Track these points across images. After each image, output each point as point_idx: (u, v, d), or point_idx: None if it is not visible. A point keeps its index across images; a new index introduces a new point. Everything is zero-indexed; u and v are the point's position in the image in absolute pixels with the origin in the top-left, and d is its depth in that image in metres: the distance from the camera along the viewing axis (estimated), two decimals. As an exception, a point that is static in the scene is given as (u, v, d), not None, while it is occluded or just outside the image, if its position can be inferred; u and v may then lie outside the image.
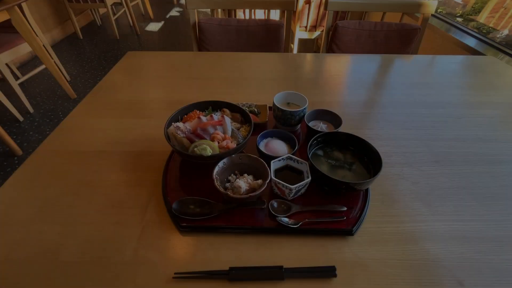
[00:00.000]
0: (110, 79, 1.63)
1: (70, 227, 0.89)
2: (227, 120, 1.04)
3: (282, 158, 0.98)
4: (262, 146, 1.09)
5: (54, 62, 3.57)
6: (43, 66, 3.42)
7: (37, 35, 3.33)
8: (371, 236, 0.88)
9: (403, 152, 1.18)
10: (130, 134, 1.24)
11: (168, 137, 1.00)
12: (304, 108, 1.17)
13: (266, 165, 0.93)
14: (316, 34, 3.90)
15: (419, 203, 0.98)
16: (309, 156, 0.96)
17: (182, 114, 1.14)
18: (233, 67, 1.77)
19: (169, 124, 1.04)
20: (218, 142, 0.99)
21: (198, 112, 1.12)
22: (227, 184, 0.94)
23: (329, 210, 0.92)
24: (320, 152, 1.05)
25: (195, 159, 0.94)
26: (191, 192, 0.97)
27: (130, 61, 1.82)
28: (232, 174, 0.97)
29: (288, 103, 1.29)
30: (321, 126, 1.17)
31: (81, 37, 4.63)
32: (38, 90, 3.57)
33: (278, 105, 1.17)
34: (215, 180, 0.88)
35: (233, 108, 1.18)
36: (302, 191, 0.94)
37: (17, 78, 3.55)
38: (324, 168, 0.99)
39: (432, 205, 0.97)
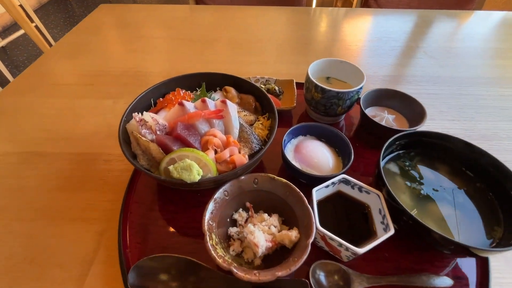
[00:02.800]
0: (69, 41, 1.13)
1: None
2: (232, 108, 0.56)
3: (332, 182, 0.51)
4: (290, 154, 0.62)
5: (36, 26, 3.01)
6: (23, 31, 2.87)
7: (11, -8, 2.75)
8: None
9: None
10: (86, 124, 0.78)
11: (124, 140, 0.54)
12: (360, 88, 0.67)
13: (304, 198, 0.47)
14: (337, -8, 3.20)
15: None
16: (384, 177, 0.49)
17: (156, 97, 0.66)
18: (241, 25, 1.24)
19: (129, 115, 0.57)
20: (216, 151, 0.52)
21: (182, 92, 0.63)
22: (232, 230, 0.49)
23: (422, 287, 0.47)
24: (393, 167, 0.57)
25: (171, 185, 0.48)
26: (168, 238, 0.53)
27: (102, 17, 1.30)
28: (240, 210, 0.51)
29: (328, 78, 0.79)
30: (387, 118, 0.69)
31: (70, -2, 3.96)
32: (21, 58, 3.06)
33: (316, 82, 0.67)
34: (207, 234, 0.43)
35: (243, 86, 0.69)
36: (371, 247, 0.48)
37: (-5, 43, 3.02)
38: (405, 199, 0.52)
39: None
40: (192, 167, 0.47)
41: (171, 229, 0.55)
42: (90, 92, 0.89)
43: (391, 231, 0.45)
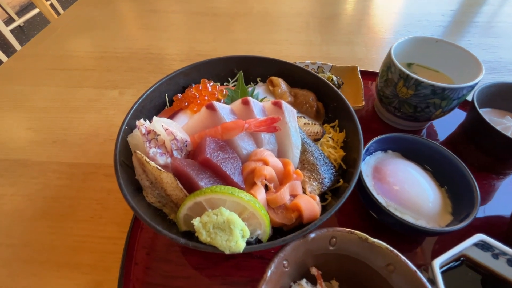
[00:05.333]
0: (71, 16, 0.93)
1: None
2: (290, 114, 0.34)
3: (466, 247, 0.29)
4: (367, 180, 0.40)
5: (51, 4, 2.82)
6: (37, 10, 2.69)
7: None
8: None
9: None
10: (82, 123, 0.60)
11: (123, 162, 0.33)
12: (476, 83, 0.43)
13: (416, 271, 0.25)
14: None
15: None
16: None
17: (172, 91, 0.44)
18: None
19: (133, 121, 0.36)
20: (266, 188, 0.31)
21: (210, 85, 0.41)
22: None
23: None
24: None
25: (197, 249, 0.28)
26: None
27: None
28: (304, 282, 0.31)
29: (410, 65, 0.55)
30: (514, 128, 0.44)
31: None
32: (38, 38, 2.90)
33: (408, 72, 0.44)
34: None
35: (295, 77, 0.46)
36: None
37: (12, 21, 2.87)
38: None
39: None
40: (234, 225, 0.26)
41: (195, 296, 0.36)
42: (90, 79, 0.69)
43: None
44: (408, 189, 0.40)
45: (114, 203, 0.47)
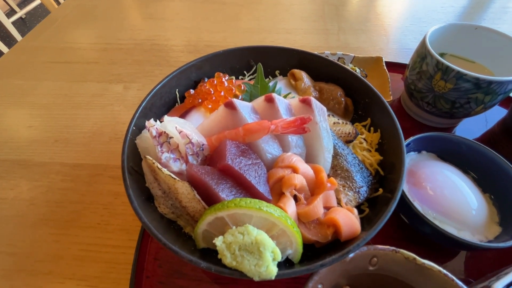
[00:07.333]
0: (72, 5, 0.87)
1: None
2: (320, 112, 0.29)
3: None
4: (404, 186, 0.35)
5: (52, -6, 2.75)
6: (39, 1, 2.62)
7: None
8: None
9: None
10: (86, 120, 0.56)
11: (132, 168, 0.29)
12: (526, 74, 0.38)
13: None
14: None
15: None
16: None
17: (183, 86, 0.39)
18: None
19: (142, 121, 0.32)
20: (296, 198, 0.26)
21: (225, 79, 0.37)
22: None
23: None
24: None
25: (221, 274, 0.24)
26: None
27: (112, -26, 1.01)
28: (338, 305, 0.26)
29: (443, 55, 0.49)
30: None
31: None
32: (40, 31, 2.83)
33: (448, 63, 0.38)
34: None
35: (318, 69, 0.41)
36: None
37: (14, 13, 2.81)
38: None
39: None
40: (264, 247, 0.22)
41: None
42: (93, 72, 0.65)
43: None
44: (449, 195, 0.36)
45: (122, 208, 0.43)
